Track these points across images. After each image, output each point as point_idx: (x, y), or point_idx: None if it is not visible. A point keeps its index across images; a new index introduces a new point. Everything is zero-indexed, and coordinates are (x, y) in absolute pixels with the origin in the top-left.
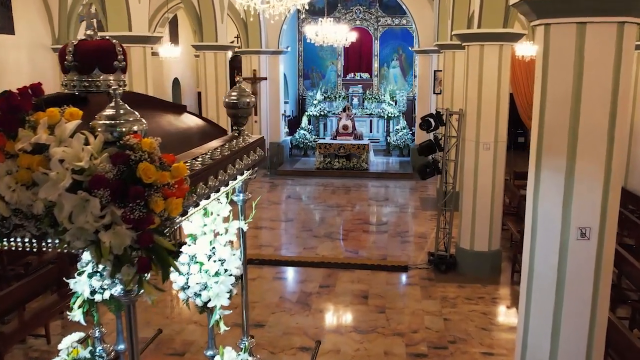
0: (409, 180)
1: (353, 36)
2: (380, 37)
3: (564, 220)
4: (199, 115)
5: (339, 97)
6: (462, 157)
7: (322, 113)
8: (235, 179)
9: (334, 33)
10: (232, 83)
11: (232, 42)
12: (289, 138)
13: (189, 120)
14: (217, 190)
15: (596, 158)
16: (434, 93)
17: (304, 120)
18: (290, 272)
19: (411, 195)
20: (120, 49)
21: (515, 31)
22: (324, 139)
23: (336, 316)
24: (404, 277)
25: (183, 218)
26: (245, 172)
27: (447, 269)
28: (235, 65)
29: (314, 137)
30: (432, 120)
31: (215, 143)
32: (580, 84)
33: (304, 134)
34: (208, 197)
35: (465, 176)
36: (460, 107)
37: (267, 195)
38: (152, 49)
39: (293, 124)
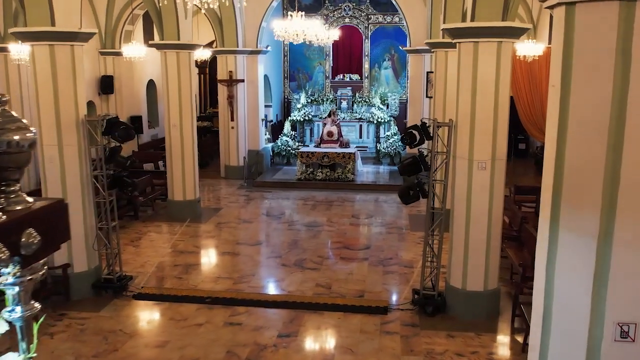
0: None
1: (335, 33)
2: (371, 36)
3: (595, 311)
4: None
5: (327, 100)
6: (452, 178)
7: (307, 118)
8: None
9: (307, 29)
10: (213, 86)
11: (213, 41)
12: (270, 145)
13: None
14: None
15: None
16: (427, 97)
17: (287, 125)
18: (246, 315)
19: (400, 211)
20: None
21: (517, 25)
22: (308, 146)
23: None
24: (382, 322)
25: None
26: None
27: (434, 312)
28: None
29: (297, 144)
30: (416, 133)
31: None
32: (624, 96)
33: (286, 140)
34: None
35: (456, 201)
36: (451, 116)
37: (239, 212)
38: (113, 47)
39: (277, 130)
